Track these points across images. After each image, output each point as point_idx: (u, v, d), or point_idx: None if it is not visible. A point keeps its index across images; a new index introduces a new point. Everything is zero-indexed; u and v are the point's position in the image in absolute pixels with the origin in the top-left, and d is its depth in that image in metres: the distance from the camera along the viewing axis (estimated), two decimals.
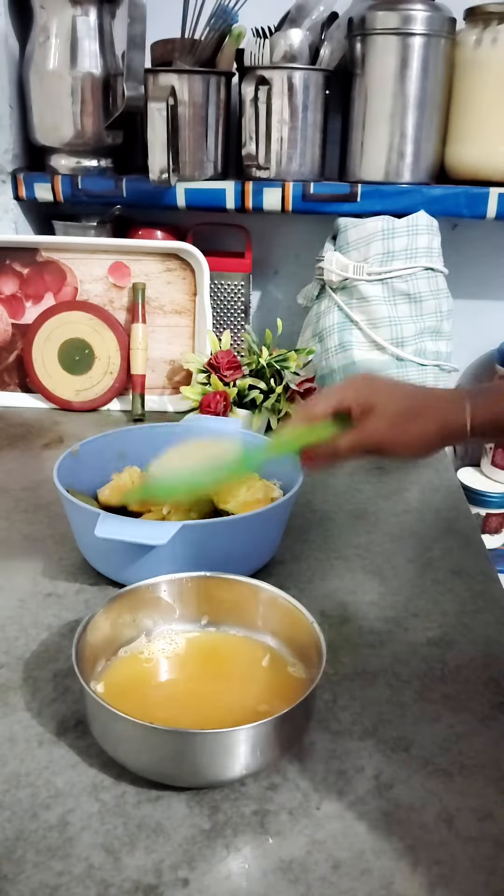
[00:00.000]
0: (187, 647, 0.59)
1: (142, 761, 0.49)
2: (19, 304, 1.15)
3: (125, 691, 0.54)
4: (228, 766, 0.48)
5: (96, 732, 0.51)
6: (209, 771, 0.48)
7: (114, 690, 0.54)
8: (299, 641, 0.57)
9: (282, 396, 1.02)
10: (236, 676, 0.57)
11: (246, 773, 0.48)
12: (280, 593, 0.59)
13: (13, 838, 0.46)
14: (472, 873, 0.45)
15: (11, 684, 0.59)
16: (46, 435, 1.06)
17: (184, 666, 0.58)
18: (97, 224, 1.18)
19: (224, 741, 0.47)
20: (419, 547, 0.80)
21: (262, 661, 0.58)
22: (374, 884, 0.44)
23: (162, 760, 0.48)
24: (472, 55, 1.06)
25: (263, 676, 0.57)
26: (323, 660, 0.52)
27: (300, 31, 1.07)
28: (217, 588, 0.60)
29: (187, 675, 0.58)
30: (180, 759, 0.48)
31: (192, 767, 0.48)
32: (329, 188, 1.11)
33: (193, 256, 1.09)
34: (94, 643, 0.55)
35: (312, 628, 0.55)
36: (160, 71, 1.08)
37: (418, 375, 1.04)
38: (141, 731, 0.46)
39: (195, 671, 0.58)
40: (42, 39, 1.10)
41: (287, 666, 0.57)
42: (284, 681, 0.56)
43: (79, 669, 0.50)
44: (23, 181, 1.16)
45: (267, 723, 0.47)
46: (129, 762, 0.50)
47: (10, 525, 0.82)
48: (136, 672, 0.57)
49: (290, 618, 0.57)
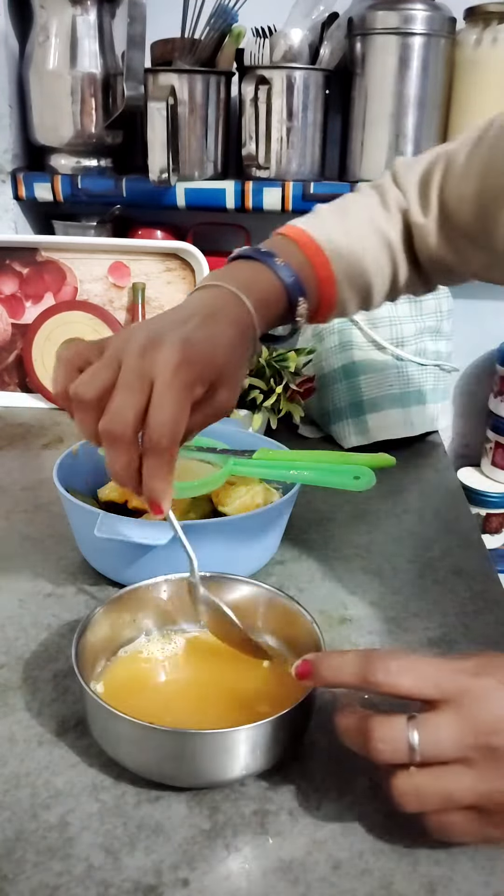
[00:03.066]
0: (187, 647, 0.59)
1: (141, 761, 0.49)
2: (19, 303, 1.15)
3: (125, 691, 0.54)
4: (228, 766, 0.48)
5: (96, 733, 0.51)
6: (209, 771, 0.48)
7: (113, 690, 0.54)
8: (300, 642, 0.57)
9: (282, 396, 1.02)
10: (236, 677, 0.57)
11: (246, 773, 0.48)
12: (280, 594, 0.59)
13: (13, 838, 0.46)
14: (472, 874, 0.45)
15: (11, 684, 0.59)
16: (46, 435, 1.06)
17: (184, 666, 0.58)
18: (97, 224, 1.18)
19: (224, 741, 0.47)
20: (419, 547, 0.80)
21: (262, 662, 0.58)
22: (374, 884, 0.44)
23: (162, 760, 0.48)
24: (472, 55, 1.06)
25: (264, 677, 0.57)
26: None
27: (300, 30, 1.07)
28: (217, 589, 0.60)
29: (187, 675, 0.58)
30: (180, 760, 0.47)
31: (191, 768, 0.48)
32: (329, 188, 1.11)
33: (193, 256, 1.09)
34: (93, 643, 0.55)
35: (313, 629, 0.55)
36: (160, 70, 1.08)
37: (418, 375, 1.04)
38: (140, 731, 0.46)
39: (195, 672, 0.58)
40: (42, 39, 1.10)
41: (288, 667, 0.57)
42: (285, 681, 0.56)
43: (78, 669, 0.50)
44: (22, 181, 1.16)
45: (267, 723, 0.47)
46: (129, 762, 0.49)
47: (10, 525, 0.82)
48: (136, 672, 0.57)
49: (291, 618, 0.57)
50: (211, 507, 0.73)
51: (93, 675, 0.55)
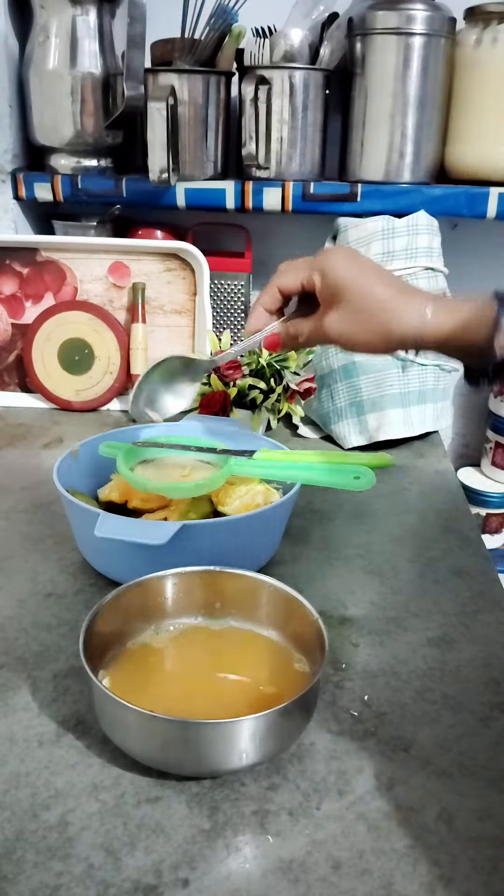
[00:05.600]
0: (194, 640, 0.60)
1: (148, 751, 0.50)
2: (19, 303, 1.15)
3: (132, 683, 0.54)
4: (232, 754, 0.48)
5: (104, 725, 0.51)
6: (212, 760, 0.48)
7: (121, 682, 0.54)
8: (304, 637, 0.57)
9: (282, 396, 1.02)
10: (242, 670, 0.57)
11: (249, 762, 0.49)
12: (286, 588, 0.59)
13: (13, 838, 0.46)
14: (473, 874, 0.45)
15: (11, 684, 0.59)
16: (46, 435, 1.06)
17: (190, 659, 0.59)
18: (97, 224, 1.18)
19: (227, 731, 0.47)
20: (419, 547, 0.80)
21: (267, 656, 0.58)
22: (374, 884, 0.44)
23: (168, 750, 0.49)
24: (472, 55, 1.06)
25: (269, 670, 0.57)
26: (325, 653, 0.52)
27: (300, 30, 1.07)
28: (224, 582, 0.61)
29: (193, 668, 0.58)
30: (185, 749, 0.48)
31: (197, 756, 0.48)
32: (329, 188, 1.11)
33: (193, 256, 1.09)
34: (101, 635, 0.55)
35: (317, 624, 0.55)
36: (160, 71, 1.08)
37: (418, 375, 1.04)
38: (147, 721, 0.47)
39: (201, 665, 0.59)
40: (42, 39, 1.10)
41: (293, 661, 0.57)
42: (289, 675, 0.56)
43: (86, 660, 0.50)
44: (22, 181, 1.16)
45: (271, 713, 0.47)
46: (137, 752, 0.50)
47: (10, 525, 0.82)
48: (143, 664, 0.57)
49: (295, 613, 0.58)
50: (211, 508, 0.73)
51: (100, 667, 0.55)
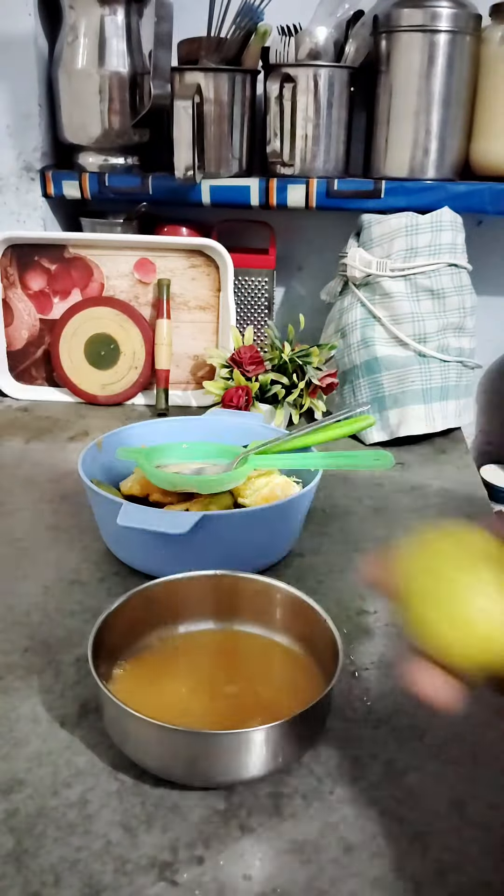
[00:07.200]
0: (207, 644, 0.60)
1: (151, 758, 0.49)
2: (47, 299, 1.17)
3: (142, 688, 0.54)
4: (242, 766, 0.47)
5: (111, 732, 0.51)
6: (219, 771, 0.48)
7: (130, 686, 0.54)
8: (317, 644, 0.56)
9: (304, 391, 1.03)
10: (256, 676, 0.57)
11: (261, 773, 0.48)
12: (300, 594, 0.58)
13: (35, 814, 0.48)
14: (482, 859, 0.45)
15: (35, 667, 0.60)
16: (72, 428, 1.08)
17: (203, 664, 0.59)
18: (123, 221, 1.20)
19: (239, 742, 0.46)
20: None
21: (281, 661, 0.58)
22: (385, 867, 0.45)
23: (173, 759, 0.48)
24: (497, 51, 1.05)
25: (282, 676, 0.57)
26: (339, 663, 0.51)
27: (325, 28, 1.08)
28: (238, 586, 0.60)
29: (206, 673, 0.58)
30: (192, 759, 0.48)
31: (205, 767, 0.48)
32: (353, 185, 1.11)
33: (218, 253, 1.11)
34: (111, 638, 0.55)
35: (331, 632, 0.54)
36: (186, 69, 1.09)
37: (441, 371, 1.04)
38: (155, 731, 0.46)
39: (214, 669, 0.58)
40: (70, 39, 1.12)
41: (306, 667, 0.57)
42: (303, 681, 0.56)
43: (94, 666, 0.50)
44: (51, 179, 1.18)
45: (283, 723, 0.46)
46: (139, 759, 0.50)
47: (37, 515, 0.84)
48: (154, 668, 0.57)
49: (309, 619, 0.57)
50: (232, 500, 0.75)
51: (111, 670, 0.55)
